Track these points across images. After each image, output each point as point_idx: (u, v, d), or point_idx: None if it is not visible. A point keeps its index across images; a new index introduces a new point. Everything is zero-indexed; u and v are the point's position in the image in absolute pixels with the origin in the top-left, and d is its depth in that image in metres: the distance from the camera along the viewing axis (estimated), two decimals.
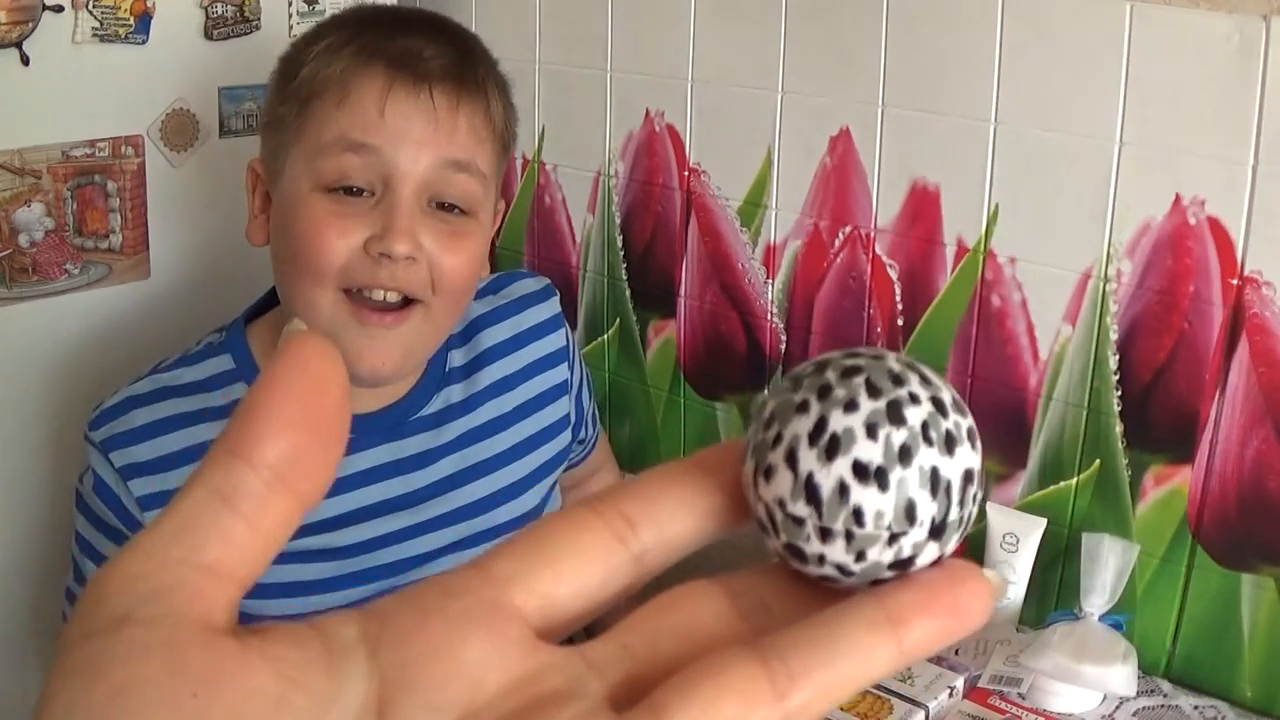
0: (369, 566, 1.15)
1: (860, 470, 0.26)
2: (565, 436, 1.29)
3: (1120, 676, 1.11)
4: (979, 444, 0.28)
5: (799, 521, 0.27)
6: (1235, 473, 1.14)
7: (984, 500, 0.27)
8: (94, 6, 1.30)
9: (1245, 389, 1.12)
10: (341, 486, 1.14)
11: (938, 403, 0.27)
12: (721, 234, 1.44)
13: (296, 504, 0.26)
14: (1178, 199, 1.13)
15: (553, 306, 1.30)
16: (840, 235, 1.35)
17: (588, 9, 1.49)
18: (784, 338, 1.42)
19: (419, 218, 1.06)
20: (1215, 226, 1.11)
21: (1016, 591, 1.24)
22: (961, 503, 0.27)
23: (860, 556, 0.26)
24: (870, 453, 0.26)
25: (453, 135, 1.07)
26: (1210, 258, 1.12)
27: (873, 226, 1.32)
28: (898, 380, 0.27)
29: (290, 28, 1.47)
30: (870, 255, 1.33)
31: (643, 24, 1.46)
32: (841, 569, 0.27)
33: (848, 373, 0.27)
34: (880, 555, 0.26)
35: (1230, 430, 1.13)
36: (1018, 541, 1.23)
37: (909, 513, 0.26)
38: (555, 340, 1.28)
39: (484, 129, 1.11)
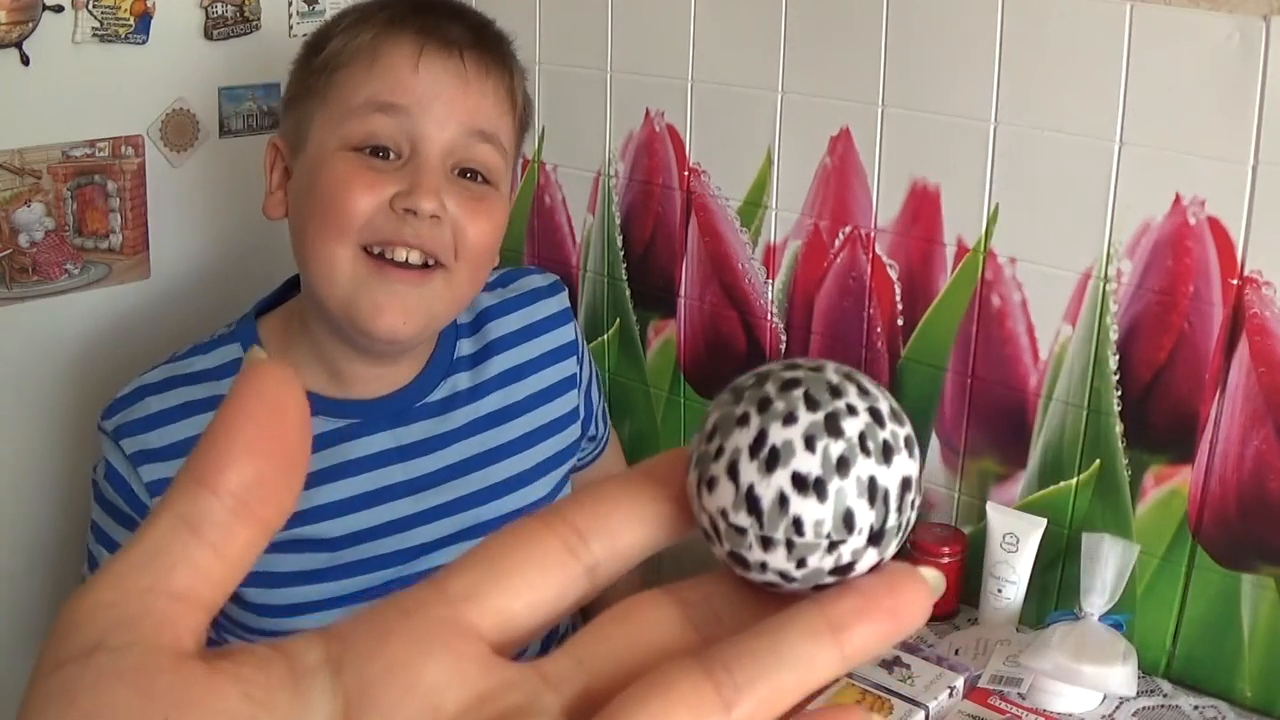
0: (371, 556, 1.16)
1: (799, 481, 0.27)
2: (575, 430, 1.30)
3: (1120, 676, 1.11)
4: (916, 452, 0.28)
5: (741, 531, 0.27)
6: (1235, 473, 1.14)
7: (922, 504, 0.28)
8: (94, 6, 1.30)
9: (1245, 389, 1.12)
10: (344, 471, 1.14)
11: (875, 413, 0.28)
12: (721, 234, 1.44)
13: (261, 529, 0.26)
14: (1178, 199, 1.13)
15: (561, 301, 1.32)
16: (840, 235, 1.35)
17: (588, 9, 1.49)
18: (784, 338, 1.42)
19: (444, 181, 1.08)
20: (1215, 226, 1.11)
21: (1016, 591, 1.24)
22: (900, 509, 0.28)
23: (801, 564, 0.27)
24: (809, 464, 0.27)
25: (480, 101, 1.10)
26: (1210, 258, 1.12)
27: (873, 226, 1.32)
28: (835, 392, 0.28)
29: (290, 28, 1.47)
30: (870, 255, 1.33)
31: (643, 24, 1.46)
32: (784, 575, 0.28)
33: (787, 385, 0.28)
34: (820, 562, 0.27)
35: (1230, 430, 1.13)
36: (1018, 541, 1.23)
37: (847, 521, 0.27)
38: (564, 334, 1.29)
39: (507, 101, 1.14)
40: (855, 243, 1.34)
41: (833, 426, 0.27)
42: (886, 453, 0.27)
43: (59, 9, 1.28)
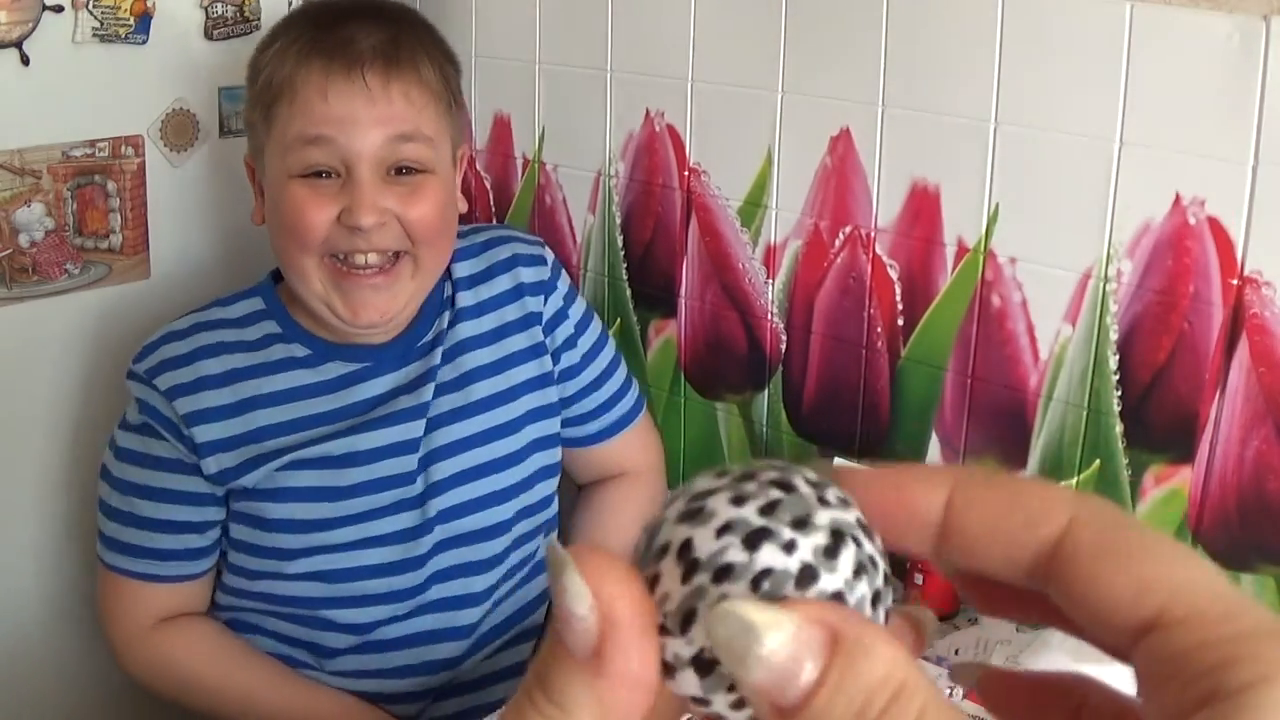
0: (381, 476, 1.26)
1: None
2: (545, 361, 1.37)
3: (1120, 677, 1.11)
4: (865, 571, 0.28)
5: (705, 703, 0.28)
6: (1235, 473, 1.14)
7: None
8: (94, 6, 1.30)
9: (1245, 389, 1.12)
10: (362, 408, 1.26)
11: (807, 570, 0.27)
12: (721, 234, 1.44)
13: None
14: (1178, 199, 1.13)
15: (539, 273, 1.38)
16: (840, 235, 1.35)
17: (588, 9, 1.49)
18: (784, 338, 1.42)
19: (380, 188, 1.20)
20: (1215, 226, 1.11)
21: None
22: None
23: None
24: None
25: (391, 110, 1.21)
26: (1210, 258, 1.12)
27: (873, 226, 1.32)
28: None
29: None
30: (870, 255, 1.33)
31: (643, 24, 1.46)
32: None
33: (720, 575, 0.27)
34: None
35: (1230, 430, 1.13)
36: None
37: None
38: (540, 303, 1.37)
39: (420, 97, 1.23)
40: (855, 243, 1.34)
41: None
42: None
43: (59, 9, 1.28)
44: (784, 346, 1.42)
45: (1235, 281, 1.11)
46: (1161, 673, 0.27)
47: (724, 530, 0.27)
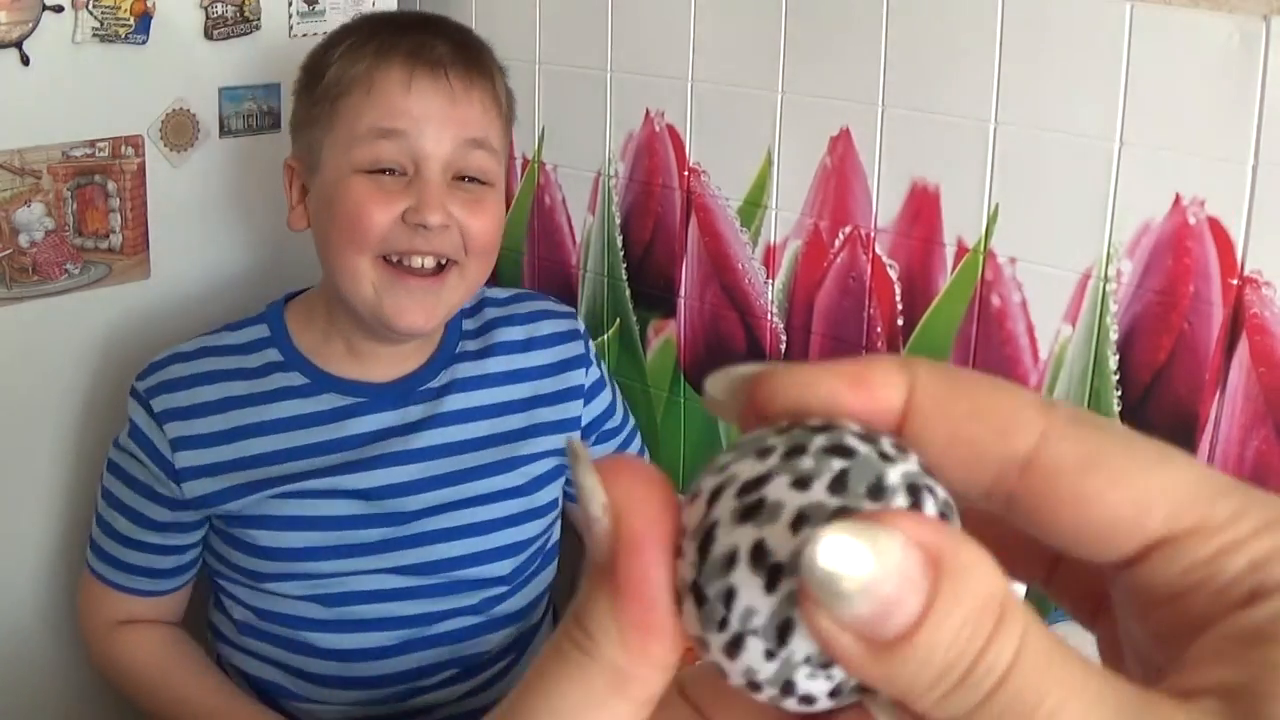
0: (387, 511, 1.26)
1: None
2: (575, 436, 1.36)
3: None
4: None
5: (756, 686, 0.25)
6: (1235, 473, 1.14)
7: None
8: (94, 6, 1.30)
9: (1245, 389, 1.12)
10: (357, 441, 1.27)
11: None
12: (721, 234, 1.44)
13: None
14: (1178, 199, 1.13)
15: (570, 323, 1.41)
16: (840, 235, 1.35)
17: (588, 9, 1.49)
18: (784, 338, 1.42)
19: (446, 191, 1.21)
20: (1215, 226, 1.11)
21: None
22: None
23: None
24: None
25: (468, 113, 1.22)
26: (1210, 258, 1.12)
27: (873, 226, 1.32)
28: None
29: (290, 28, 1.47)
30: (870, 255, 1.33)
31: (643, 24, 1.46)
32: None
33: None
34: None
35: (1230, 430, 1.13)
36: None
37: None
38: (570, 349, 1.38)
39: (493, 107, 1.26)
40: (855, 243, 1.34)
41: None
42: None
43: (59, 9, 1.28)
44: (784, 347, 1.42)
45: (1235, 281, 1.11)
46: (1176, 588, 0.25)
47: (799, 523, 0.24)
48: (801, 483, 0.25)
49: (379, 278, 1.20)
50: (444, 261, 1.22)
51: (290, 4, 1.47)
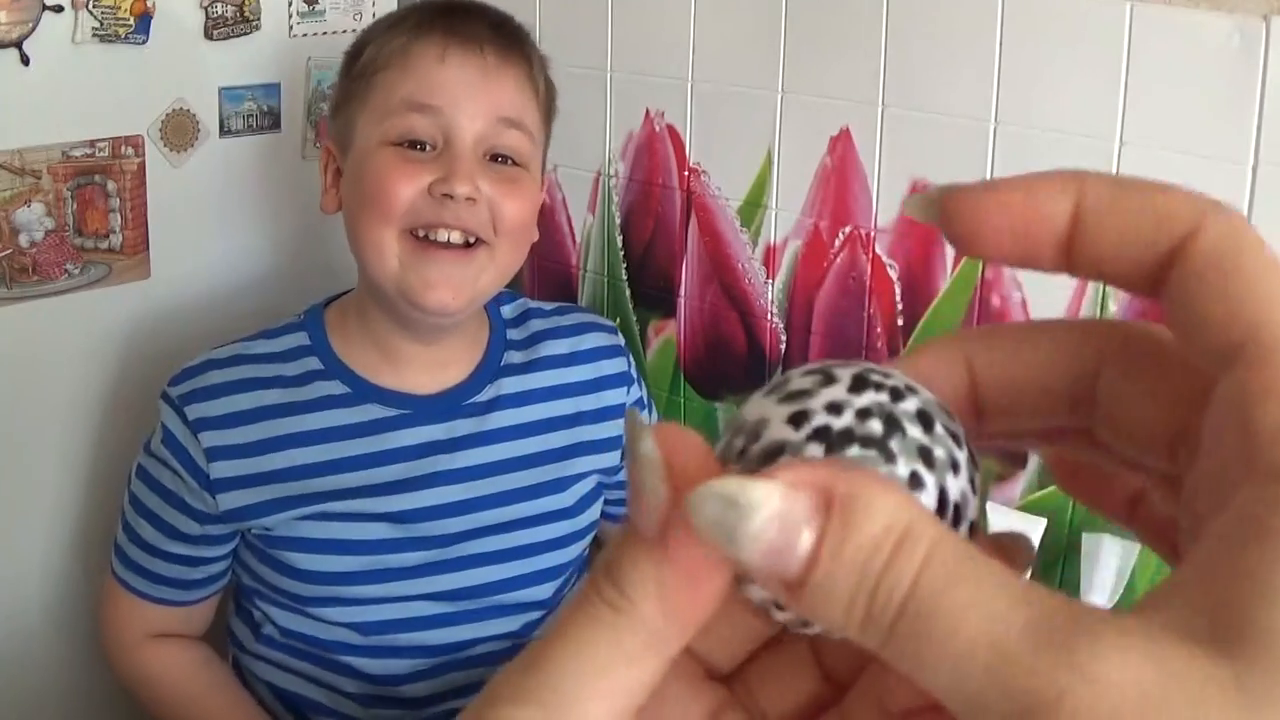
0: (418, 536, 1.22)
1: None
2: (613, 456, 1.34)
3: None
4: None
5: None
6: None
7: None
8: (94, 6, 1.30)
9: None
10: (399, 456, 1.23)
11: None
12: (721, 234, 1.44)
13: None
14: None
15: (613, 338, 1.38)
16: (840, 235, 1.35)
17: (588, 9, 1.49)
18: (784, 338, 1.42)
19: (477, 166, 1.18)
20: None
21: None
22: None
23: None
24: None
25: (503, 90, 1.20)
26: None
27: (873, 226, 1.33)
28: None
29: (290, 28, 1.47)
30: (870, 255, 1.33)
31: (643, 24, 1.46)
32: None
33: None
34: None
35: None
36: None
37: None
38: (615, 365, 1.36)
39: (529, 89, 1.23)
40: (855, 243, 1.34)
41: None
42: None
43: (59, 9, 1.28)
44: (784, 346, 1.42)
45: None
46: None
47: (765, 458, 0.26)
48: (795, 420, 0.27)
49: (404, 251, 1.16)
50: (472, 240, 1.18)
51: (290, 4, 1.47)
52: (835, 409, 0.27)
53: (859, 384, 0.27)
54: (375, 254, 1.17)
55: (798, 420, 0.27)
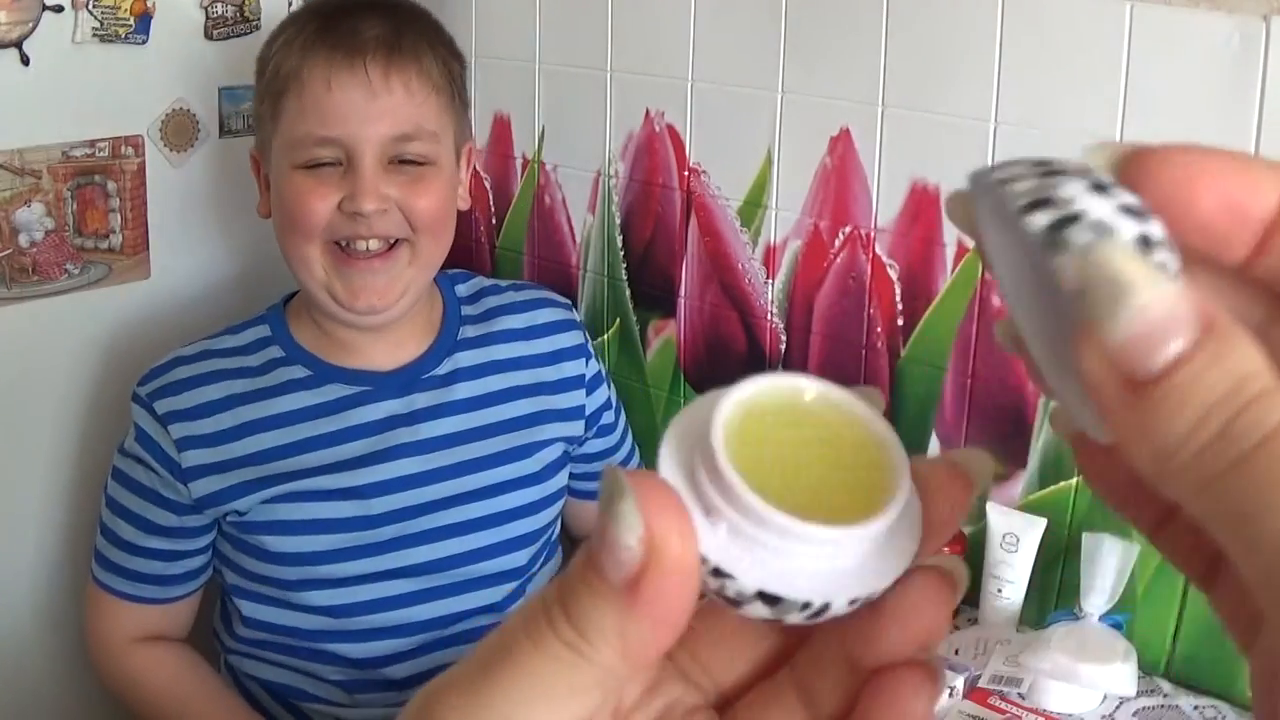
0: (387, 510, 1.26)
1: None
2: (578, 425, 1.38)
3: (1120, 676, 1.11)
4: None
5: None
6: None
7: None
8: (94, 6, 1.30)
9: None
10: (361, 433, 1.27)
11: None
12: (721, 234, 1.44)
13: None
14: None
15: (566, 312, 1.43)
16: (840, 235, 1.35)
17: (588, 9, 1.49)
18: (784, 338, 1.42)
19: (382, 175, 1.22)
20: None
21: (1016, 592, 1.24)
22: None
23: None
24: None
25: (393, 105, 1.22)
26: None
27: (873, 226, 1.32)
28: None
29: None
30: (870, 255, 1.33)
31: (643, 24, 1.46)
32: None
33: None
34: None
35: None
36: (1018, 541, 1.23)
37: None
38: (569, 338, 1.39)
39: (421, 89, 1.25)
40: (855, 243, 1.34)
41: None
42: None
43: (59, 9, 1.28)
44: (784, 346, 1.42)
45: None
46: None
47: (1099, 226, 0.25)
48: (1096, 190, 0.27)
49: (328, 263, 1.23)
50: (393, 242, 1.24)
51: (290, 4, 1.47)
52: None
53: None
54: (302, 266, 1.24)
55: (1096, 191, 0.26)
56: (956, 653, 1.22)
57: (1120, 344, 0.23)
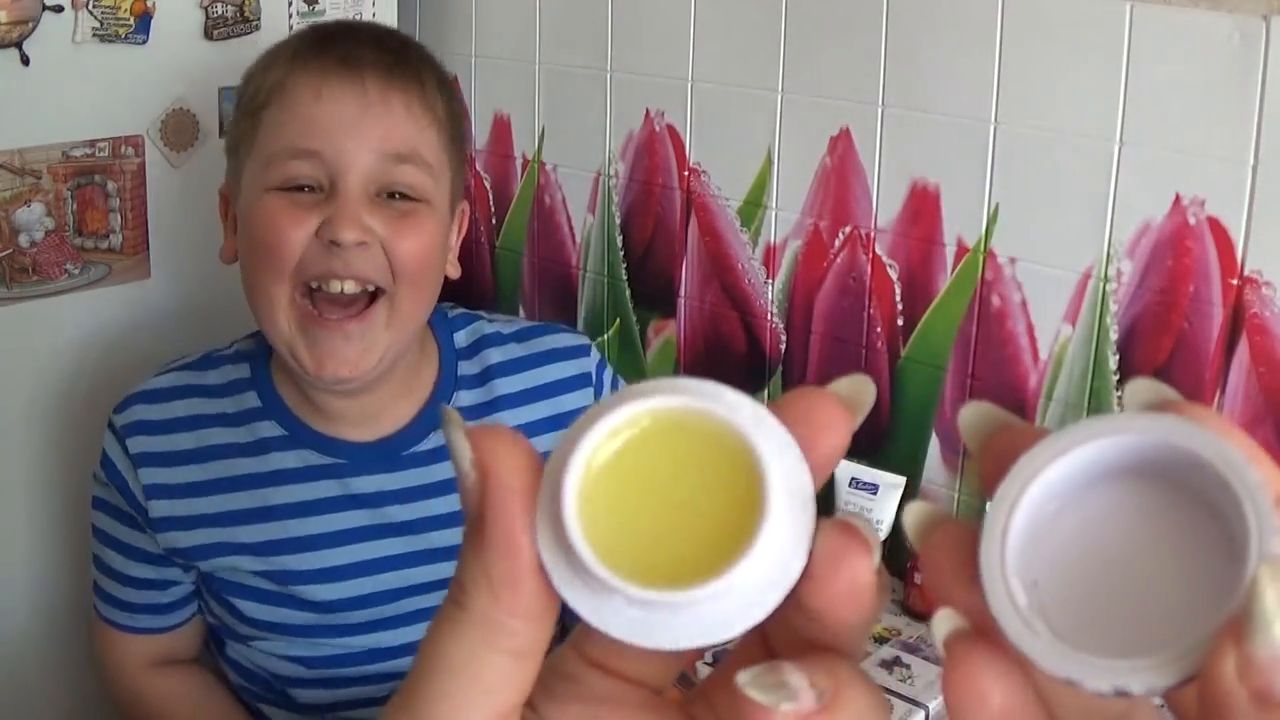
0: (361, 593, 1.16)
1: None
2: None
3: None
4: None
5: None
6: None
7: None
8: (94, 6, 1.30)
9: (1245, 389, 1.12)
10: (332, 506, 1.15)
11: None
12: (721, 234, 1.44)
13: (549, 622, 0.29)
14: (1178, 199, 1.13)
15: (581, 366, 1.24)
16: (840, 235, 1.35)
17: (588, 9, 1.49)
18: (784, 338, 1.42)
19: (367, 205, 1.06)
20: (1215, 226, 1.11)
21: None
22: None
23: None
24: None
25: (389, 123, 1.08)
26: (1210, 258, 1.12)
27: (873, 226, 1.33)
28: None
29: (290, 28, 1.47)
30: (870, 255, 1.33)
31: (643, 24, 1.46)
32: None
33: None
34: None
35: None
36: None
37: None
38: (578, 399, 1.23)
39: (423, 115, 1.10)
40: (855, 243, 1.34)
41: None
42: None
43: (59, 9, 1.28)
44: (784, 347, 1.42)
45: (1235, 281, 1.11)
46: None
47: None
48: None
49: (296, 317, 1.07)
50: (371, 289, 1.08)
51: (290, 4, 1.47)
52: None
53: None
54: (268, 314, 1.08)
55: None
56: None
57: (1268, 659, 0.24)
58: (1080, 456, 0.27)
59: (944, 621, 0.27)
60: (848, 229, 1.34)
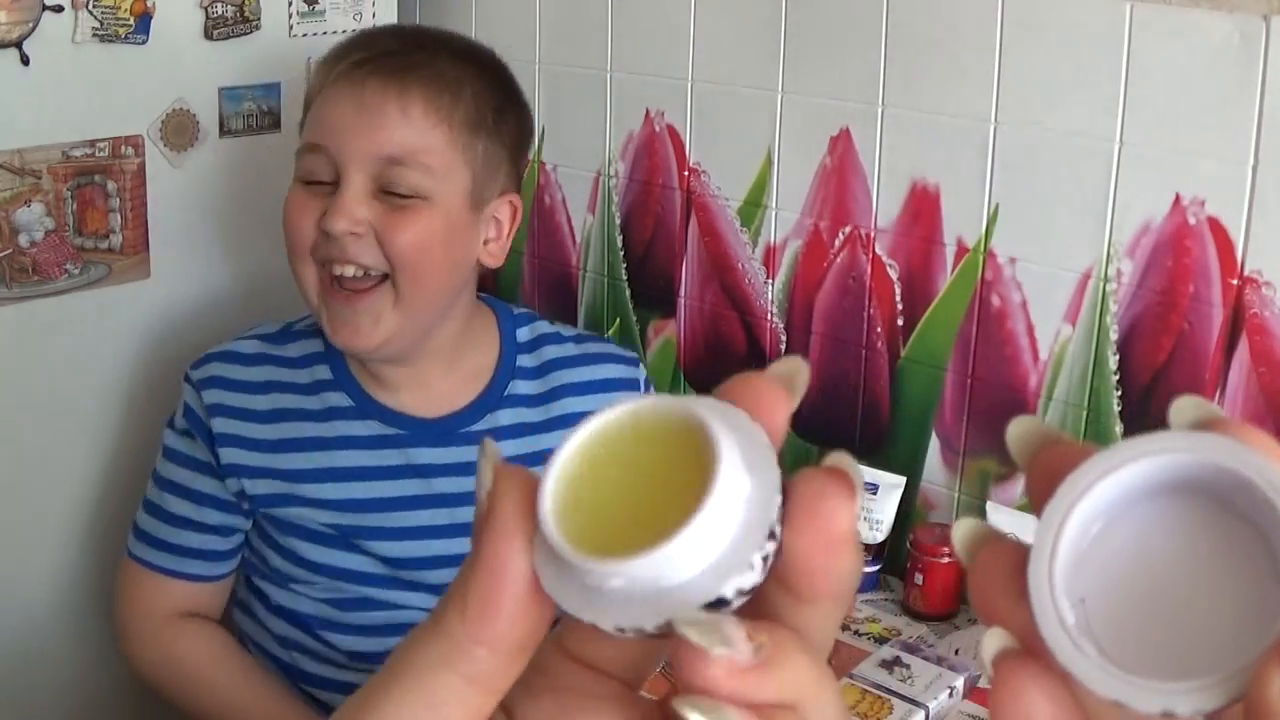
0: (416, 555, 1.24)
1: None
2: None
3: None
4: None
5: None
6: None
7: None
8: (94, 6, 1.30)
9: (1245, 389, 1.12)
10: (393, 474, 1.25)
11: None
12: (721, 234, 1.44)
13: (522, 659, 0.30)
14: (1178, 199, 1.13)
15: (632, 371, 1.33)
16: (840, 235, 1.35)
17: (588, 9, 1.49)
18: (784, 338, 1.42)
19: (364, 200, 1.16)
20: (1215, 226, 1.11)
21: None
22: None
23: None
24: None
25: (384, 127, 1.16)
26: (1210, 258, 1.12)
27: (873, 226, 1.33)
28: None
29: (290, 28, 1.47)
30: (870, 255, 1.33)
31: (643, 24, 1.46)
32: None
33: None
34: None
35: None
36: None
37: None
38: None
39: (425, 118, 1.16)
40: (855, 243, 1.34)
41: None
42: None
43: (59, 9, 1.28)
44: (783, 347, 1.42)
45: (1235, 281, 1.11)
46: None
47: None
48: None
49: (319, 289, 1.19)
50: (379, 277, 1.17)
51: (290, 4, 1.47)
52: None
53: None
54: (301, 287, 1.21)
55: None
56: (957, 653, 1.22)
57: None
58: (1127, 475, 0.27)
59: (993, 640, 0.27)
60: (848, 229, 1.34)
